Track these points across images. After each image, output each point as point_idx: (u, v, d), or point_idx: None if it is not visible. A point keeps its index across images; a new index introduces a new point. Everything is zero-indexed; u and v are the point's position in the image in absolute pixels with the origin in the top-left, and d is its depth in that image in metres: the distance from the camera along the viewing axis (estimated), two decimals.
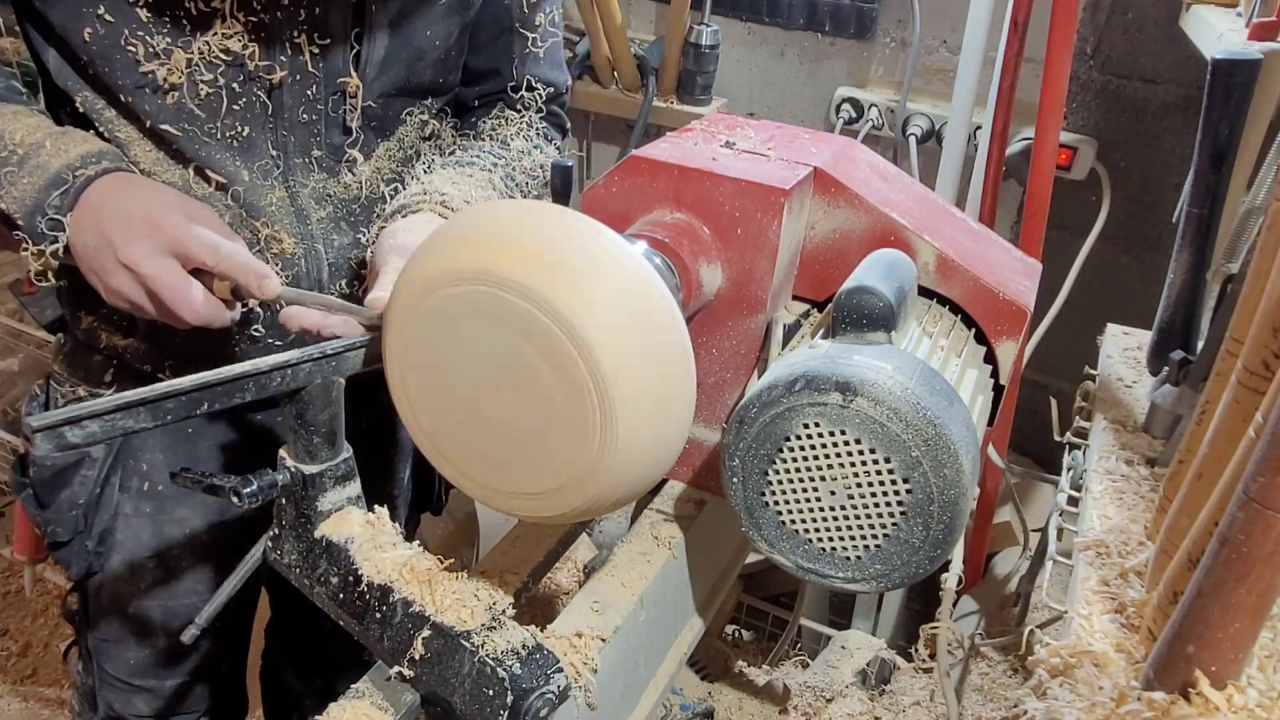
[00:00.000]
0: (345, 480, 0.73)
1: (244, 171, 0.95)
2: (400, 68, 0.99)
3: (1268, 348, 0.72)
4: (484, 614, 0.64)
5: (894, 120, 2.05)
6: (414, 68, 1.00)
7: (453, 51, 1.04)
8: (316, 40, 0.91)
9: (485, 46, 1.09)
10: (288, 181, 0.97)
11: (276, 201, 0.97)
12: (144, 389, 0.60)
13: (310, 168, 0.98)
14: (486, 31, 1.08)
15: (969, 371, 0.74)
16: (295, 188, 0.98)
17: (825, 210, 0.79)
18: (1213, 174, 1.02)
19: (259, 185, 0.96)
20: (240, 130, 0.93)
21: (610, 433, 0.57)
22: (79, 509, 1.07)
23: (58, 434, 0.56)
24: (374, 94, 0.98)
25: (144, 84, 0.89)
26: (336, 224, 1.02)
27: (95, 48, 0.87)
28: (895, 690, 1.71)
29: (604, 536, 1.94)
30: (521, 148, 1.10)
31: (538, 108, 1.14)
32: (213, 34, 0.88)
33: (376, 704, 0.67)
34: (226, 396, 0.64)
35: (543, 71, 1.13)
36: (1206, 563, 0.65)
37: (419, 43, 0.99)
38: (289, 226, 0.98)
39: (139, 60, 0.88)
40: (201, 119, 0.92)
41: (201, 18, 0.87)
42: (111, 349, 1.04)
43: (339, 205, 1.02)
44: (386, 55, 0.97)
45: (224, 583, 0.75)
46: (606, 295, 0.56)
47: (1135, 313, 1.51)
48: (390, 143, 1.04)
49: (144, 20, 0.86)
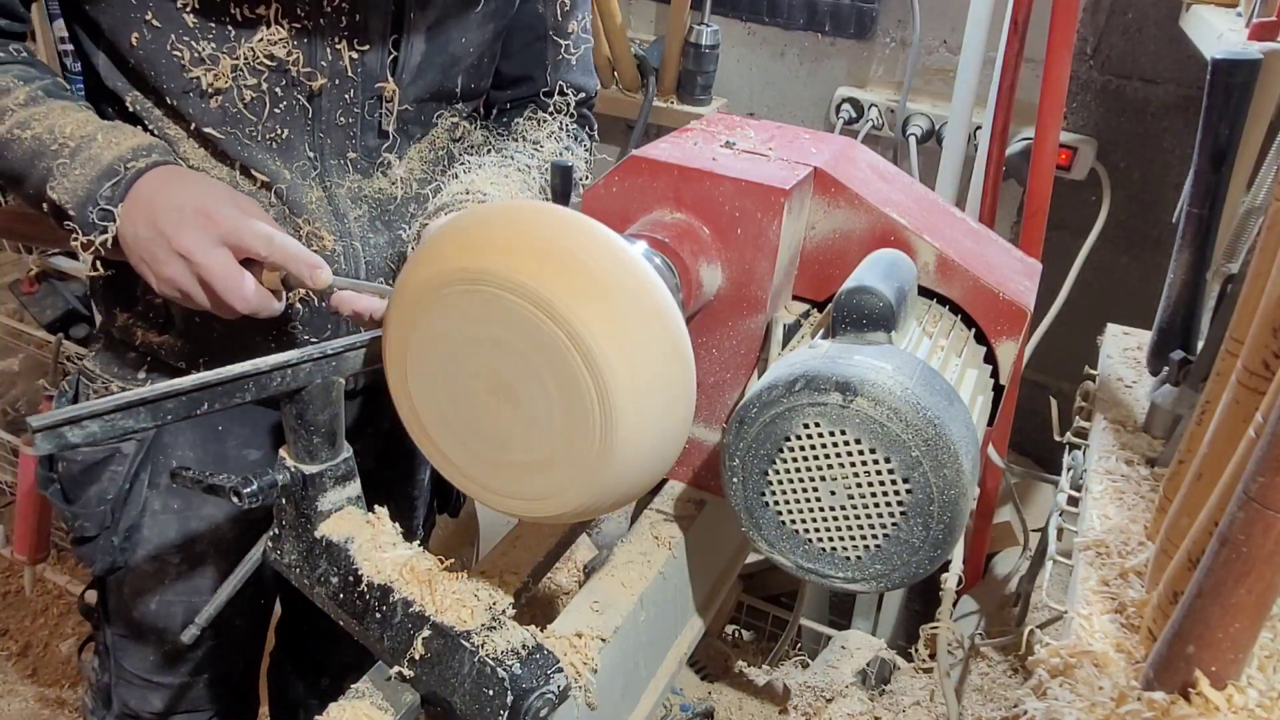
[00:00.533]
0: (345, 480, 0.73)
1: (285, 171, 0.97)
2: (435, 73, 1.01)
3: (1268, 348, 0.72)
4: (484, 614, 0.64)
5: (894, 120, 2.05)
6: (448, 73, 1.02)
7: (485, 58, 1.06)
8: (356, 46, 0.93)
9: (519, 53, 1.11)
10: (324, 182, 0.99)
11: (315, 200, 0.99)
12: (143, 389, 0.60)
13: (345, 169, 1.00)
14: (521, 39, 1.10)
15: (969, 371, 0.74)
16: (332, 188, 1.00)
17: (825, 210, 0.79)
18: (1213, 174, 1.02)
19: (299, 184, 0.98)
20: (280, 133, 0.95)
21: (610, 433, 0.57)
22: (107, 504, 1.08)
23: (58, 434, 0.56)
24: (409, 99, 1.00)
25: (189, 88, 0.91)
26: (372, 223, 1.03)
27: (142, 52, 0.89)
28: (895, 690, 1.71)
29: (604, 536, 1.94)
30: (554, 149, 1.12)
31: (569, 112, 1.16)
32: (257, 40, 0.90)
33: (376, 704, 0.67)
34: (226, 396, 0.64)
35: (575, 78, 1.15)
36: (1206, 563, 0.65)
37: (454, 49, 1.01)
38: (328, 224, 1.00)
39: (185, 65, 0.90)
40: (244, 122, 0.94)
41: (246, 23, 0.89)
42: (147, 345, 1.05)
43: (374, 205, 1.03)
44: (423, 61, 0.99)
45: (224, 582, 0.75)
46: (606, 296, 0.56)
47: (1135, 313, 1.51)
48: (422, 145, 1.06)
49: (190, 26, 0.88)
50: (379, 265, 1.05)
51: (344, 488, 0.73)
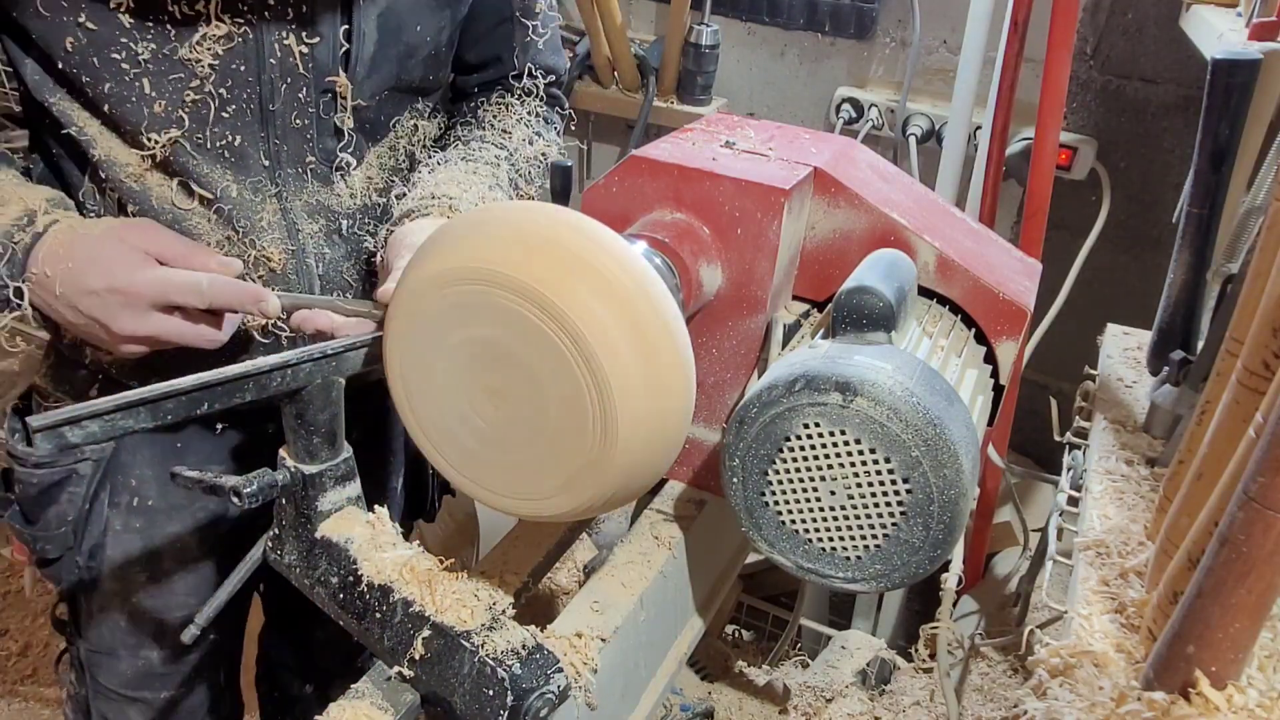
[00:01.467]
0: (345, 480, 0.73)
1: (234, 186, 0.93)
2: (391, 65, 0.97)
3: (1268, 348, 0.72)
4: (484, 614, 0.64)
5: (894, 120, 2.05)
6: (404, 65, 0.98)
7: (444, 47, 1.03)
8: (305, 39, 0.89)
9: (485, 36, 1.09)
10: (280, 195, 0.95)
11: (268, 216, 0.95)
12: (144, 389, 0.60)
13: (303, 177, 0.96)
14: (486, 21, 1.07)
15: (969, 371, 0.74)
16: (288, 200, 0.96)
17: (825, 210, 0.79)
18: (1213, 174, 1.02)
19: (250, 200, 0.94)
20: (231, 139, 0.91)
21: (609, 433, 0.57)
22: (68, 525, 1.05)
23: (58, 434, 0.56)
24: (365, 94, 0.96)
25: (130, 93, 0.86)
26: (329, 237, 1.00)
27: (77, 58, 0.85)
28: (895, 690, 1.71)
29: (604, 536, 1.94)
30: (524, 135, 1.09)
31: (539, 95, 1.13)
32: (199, 37, 0.85)
33: (376, 704, 0.66)
34: (226, 396, 0.64)
35: (544, 59, 1.13)
36: (1206, 563, 0.65)
37: (409, 38, 0.97)
38: (279, 241, 0.96)
39: (123, 69, 0.85)
40: (190, 127, 0.89)
41: (186, 21, 0.85)
42: (97, 364, 1.02)
43: (331, 218, 1.00)
44: (376, 52, 0.94)
45: (223, 583, 0.75)
46: (606, 296, 0.56)
47: (1135, 313, 1.51)
48: (381, 148, 1.03)
49: (127, 26, 0.84)
50: (334, 280, 1.02)
51: (344, 488, 0.73)
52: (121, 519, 1.09)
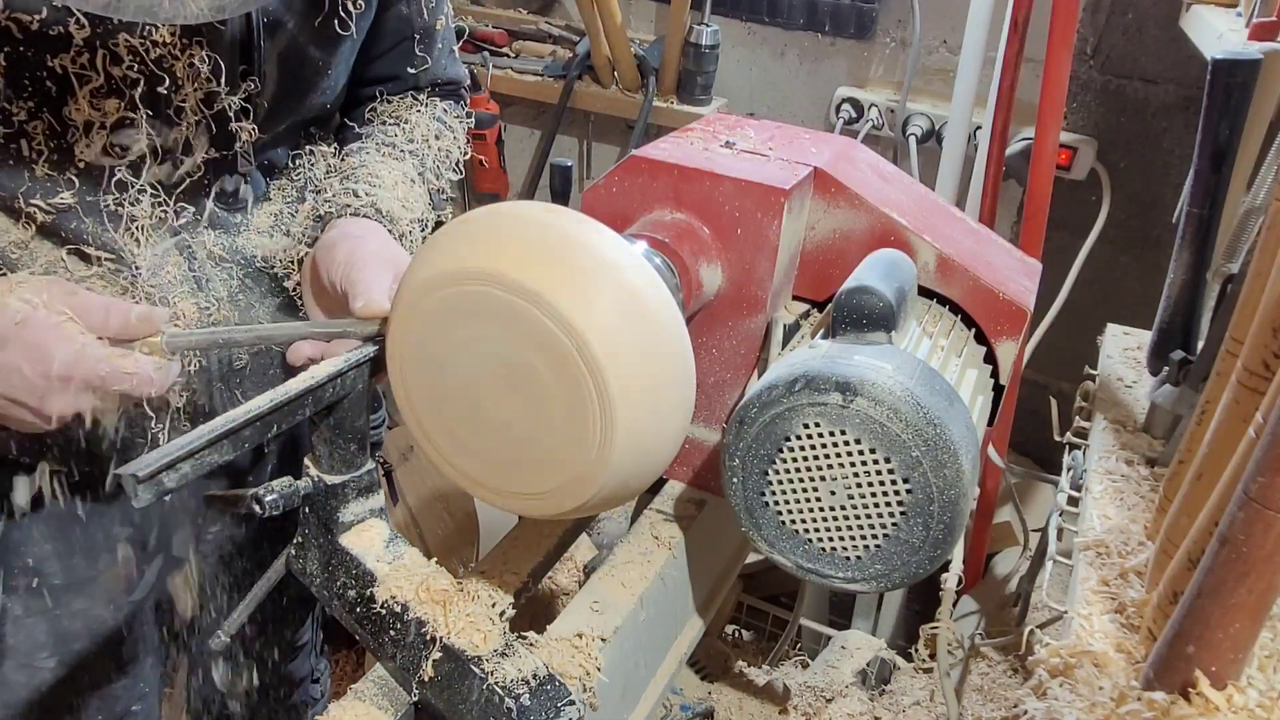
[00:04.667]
0: (368, 492, 0.72)
1: (132, 244, 0.85)
2: (291, 101, 0.93)
3: (1268, 348, 0.72)
4: (498, 639, 0.63)
5: (894, 120, 2.05)
6: (305, 101, 0.94)
7: (343, 76, 0.99)
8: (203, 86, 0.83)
9: (386, 55, 1.05)
10: (180, 247, 0.89)
11: (172, 270, 0.88)
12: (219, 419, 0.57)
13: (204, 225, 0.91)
14: (387, 41, 1.04)
15: (969, 371, 0.74)
16: (193, 249, 0.90)
17: (825, 210, 0.79)
18: (1213, 174, 1.02)
19: (149, 257, 0.86)
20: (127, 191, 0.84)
21: (609, 432, 0.57)
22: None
23: (157, 482, 0.53)
24: (266, 131, 0.91)
25: (7, 157, 0.79)
26: (242, 283, 0.95)
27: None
28: (895, 690, 1.71)
29: (604, 536, 1.94)
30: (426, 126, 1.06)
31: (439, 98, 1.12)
32: (83, 95, 0.77)
33: (376, 704, 0.67)
34: (291, 415, 0.63)
35: (443, 72, 1.10)
36: (1206, 563, 0.65)
37: (308, 72, 0.92)
38: (188, 296, 0.89)
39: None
40: (81, 190, 0.82)
41: (66, 79, 0.77)
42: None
43: (238, 263, 0.94)
44: (278, 90, 0.90)
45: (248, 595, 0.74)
46: (606, 296, 0.56)
47: (1135, 313, 1.51)
48: (282, 181, 0.99)
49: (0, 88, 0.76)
50: (259, 321, 0.96)
51: (367, 500, 0.72)
52: (22, 603, 0.99)
